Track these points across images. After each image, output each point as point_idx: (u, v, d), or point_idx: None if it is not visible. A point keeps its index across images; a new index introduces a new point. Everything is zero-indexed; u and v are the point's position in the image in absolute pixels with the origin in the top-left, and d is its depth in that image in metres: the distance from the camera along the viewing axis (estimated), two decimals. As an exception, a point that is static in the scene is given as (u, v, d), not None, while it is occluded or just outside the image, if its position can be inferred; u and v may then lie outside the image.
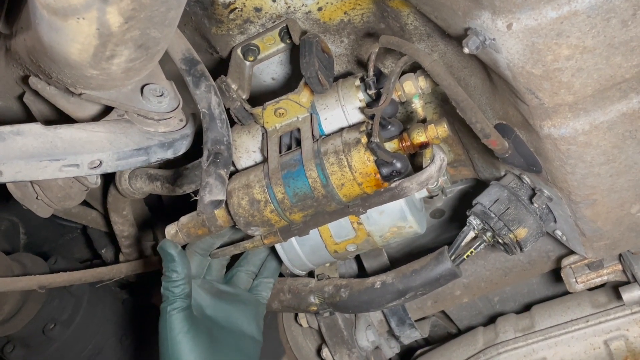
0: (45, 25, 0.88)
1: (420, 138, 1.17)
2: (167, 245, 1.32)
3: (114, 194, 1.71)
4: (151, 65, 1.02)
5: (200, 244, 1.43)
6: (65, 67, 0.96)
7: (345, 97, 1.25)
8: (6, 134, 1.02)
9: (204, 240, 1.42)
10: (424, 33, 1.25)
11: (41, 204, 1.37)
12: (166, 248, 1.32)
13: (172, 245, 1.32)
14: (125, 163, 1.10)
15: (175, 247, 1.32)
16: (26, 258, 1.93)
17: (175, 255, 1.31)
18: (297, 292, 1.49)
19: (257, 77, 1.45)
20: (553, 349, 1.55)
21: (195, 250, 1.43)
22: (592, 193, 1.14)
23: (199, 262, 1.44)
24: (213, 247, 1.45)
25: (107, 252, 2.14)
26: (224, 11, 1.30)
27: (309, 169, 1.16)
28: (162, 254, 1.32)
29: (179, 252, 1.32)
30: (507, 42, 0.93)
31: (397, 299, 1.37)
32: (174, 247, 1.32)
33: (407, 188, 1.15)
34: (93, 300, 1.95)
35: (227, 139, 1.08)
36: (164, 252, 1.32)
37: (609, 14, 0.88)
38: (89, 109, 1.19)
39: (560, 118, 1.02)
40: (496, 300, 1.89)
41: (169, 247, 1.32)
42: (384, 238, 1.32)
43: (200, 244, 1.43)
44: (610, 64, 0.94)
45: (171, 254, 1.31)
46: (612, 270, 1.47)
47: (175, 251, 1.31)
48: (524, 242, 1.27)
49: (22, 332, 1.83)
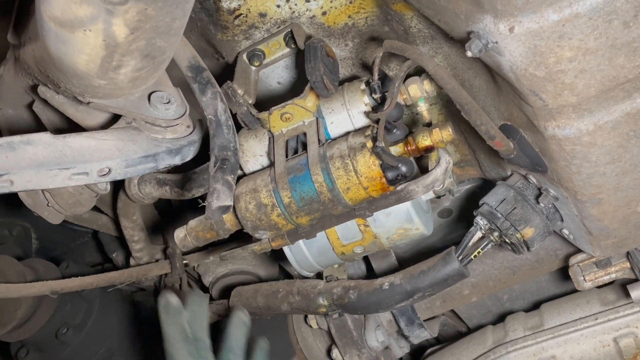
0: (52, 37, 0.89)
1: (425, 142, 1.18)
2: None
3: (124, 199, 1.73)
4: (157, 74, 1.03)
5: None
6: (73, 77, 0.98)
7: (350, 101, 1.26)
8: (16, 143, 1.03)
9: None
10: (427, 35, 1.25)
11: (52, 210, 1.39)
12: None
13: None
14: (133, 170, 1.11)
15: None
16: (38, 263, 1.95)
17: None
18: (306, 294, 1.50)
19: (263, 82, 1.46)
20: (562, 347, 1.55)
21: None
22: (598, 192, 1.14)
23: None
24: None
25: (118, 256, 2.15)
26: (229, 17, 1.31)
27: (315, 173, 1.17)
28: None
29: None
30: (509, 45, 0.93)
31: (406, 300, 1.37)
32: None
33: (413, 191, 1.16)
34: (105, 304, 1.96)
35: (233, 145, 1.09)
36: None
37: (610, 16, 0.89)
38: (98, 117, 1.20)
39: (565, 119, 1.03)
40: (505, 299, 1.89)
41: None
42: (391, 240, 1.33)
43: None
44: (613, 64, 0.94)
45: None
46: (620, 268, 1.47)
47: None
48: (531, 241, 1.28)
49: (35, 337, 1.84)
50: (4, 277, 1.74)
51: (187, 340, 1.29)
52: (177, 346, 1.28)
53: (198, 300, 1.39)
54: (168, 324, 1.31)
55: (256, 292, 1.59)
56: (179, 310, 1.34)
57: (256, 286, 1.62)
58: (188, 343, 1.29)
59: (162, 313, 1.33)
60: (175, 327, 1.30)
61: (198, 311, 1.36)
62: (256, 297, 1.58)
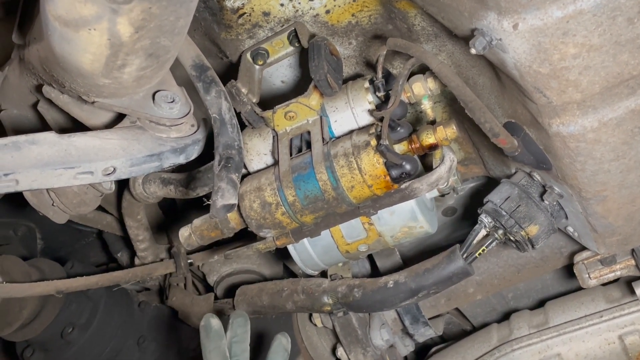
0: (57, 37, 0.89)
1: (429, 140, 1.18)
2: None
3: (128, 198, 1.73)
4: (162, 72, 1.03)
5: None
6: (77, 77, 0.98)
7: (354, 100, 1.26)
8: (21, 143, 1.03)
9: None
10: (431, 33, 1.25)
11: (57, 210, 1.39)
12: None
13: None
14: (138, 169, 1.12)
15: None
16: (43, 263, 1.96)
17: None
18: (310, 293, 1.50)
19: (267, 80, 1.46)
20: (567, 344, 1.55)
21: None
22: (603, 189, 1.14)
23: None
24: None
25: (123, 255, 2.16)
26: (232, 16, 1.31)
27: (319, 171, 1.17)
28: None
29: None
30: (513, 42, 0.93)
31: (410, 298, 1.37)
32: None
33: (417, 189, 1.16)
34: (110, 303, 1.97)
35: (237, 144, 1.09)
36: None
37: (614, 12, 0.89)
38: (102, 116, 1.21)
39: (569, 116, 1.02)
40: (510, 297, 1.89)
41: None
42: (395, 238, 1.33)
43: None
44: (617, 61, 0.94)
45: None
46: (625, 265, 1.47)
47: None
48: (535, 239, 1.28)
49: (41, 336, 1.85)
50: (9, 277, 1.75)
51: (222, 356, 1.29)
52: (212, 357, 1.28)
53: (241, 322, 1.36)
54: (209, 349, 1.30)
55: (261, 291, 1.60)
56: (220, 334, 1.32)
57: (261, 285, 1.62)
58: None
59: (203, 337, 1.32)
60: (216, 353, 1.29)
61: (240, 333, 1.34)
62: (261, 296, 1.58)
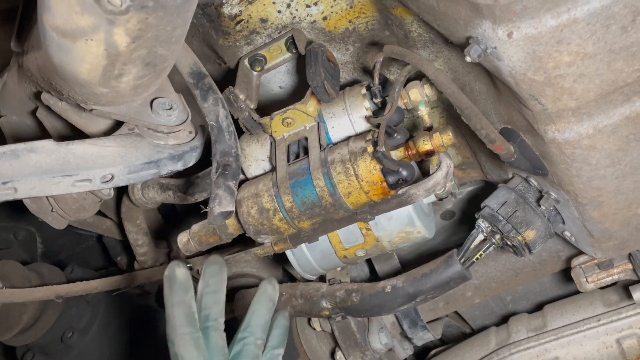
0: (54, 46, 0.90)
1: (425, 146, 1.19)
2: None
3: (127, 204, 1.74)
4: (159, 81, 1.04)
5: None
6: (75, 86, 0.99)
7: (351, 106, 1.27)
8: (20, 151, 1.04)
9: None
10: (427, 40, 1.26)
11: (56, 216, 1.40)
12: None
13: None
14: (136, 176, 1.12)
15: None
16: (43, 268, 1.96)
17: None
18: (309, 297, 1.50)
19: (265, 86, 1.46)
20: (565, 348, 1.55)
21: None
22: (599, 195, 1.15)
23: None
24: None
25: (123, 259, 2.17)
26: (230, 23, 1.32)
27: (316, 178, 1.18)
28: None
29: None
30: (508, 50, 0.94)
31: (408, 303, 1.38)
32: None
33: (414, 195, 1.17)
34: (110, 307, 1.97)
35: (235, 151, 1.10)
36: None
37: (608, 21, 0.89)
38: (100, 124, 1.22)
39: (564, 122, 1.03)
40: (509, 300, 1.89)
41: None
42: (393, 243, 1.34)
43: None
44: (611, 69, 0.95)
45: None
46: (623, 270, 1.47)
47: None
48: (532, 244, 1.28)
49: (41, 341, 1.86)
50: (9, 282, 1.75)
51: (193, 324, 1.08)
52: (180, 332, 1.06)
53: (214, 270, 1.15)
54: (172, 303, 1.09)
55: (259, 295, 1.60)
56: (186, 286, 1.10)
57: (259, 289, 1.63)
58: (194, 328, 1.08)
59: (166, 289, 1.10)
60: (180, 308, 1.08)
61: (213, 282, 1.14)
62: (259, 301, 1.58)
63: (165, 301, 1.10)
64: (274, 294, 1.22)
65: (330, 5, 1.28)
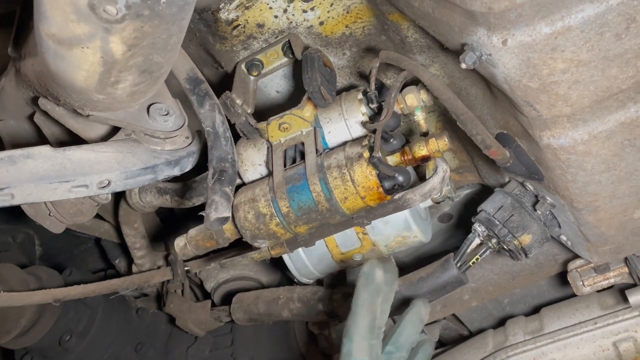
0: (51, 54, 0.90)
1: (421, 152, 1.19)
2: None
3: (125, 207, 1.74)
4: (155, 87, 1.04)
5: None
6: (72, 92, 0.99)
7: (348, 111, 1.27)
8: (17, 157, 1.04)
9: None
10: (424, 45, 1.26)
11: (54, 220, 1.40)
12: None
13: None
14: (133, 182, 1.13)
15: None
16: (41, 271, 1.96)
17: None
18: (306, 301, 1.51)
19: (262, 90, 1.47)
20: (562, 351, 1.55)
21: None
22: (594, 200, 1.15)
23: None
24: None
25: (121, 262, 2.17)
26: (227, 28, 1.32)
27: (312, 183, 1.18)
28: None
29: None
30: (503, 57, 0.94)
31: (405, 306, 1.38)
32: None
33: (411, 200, 1.17)
34: (108, 310, 1.97)
35: (231, 157, 1.10)
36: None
37: (602, 28, 0.89)
38: (98, 129, 1.22)
39: (559, 128, 1.03)
40: (506, 302, 1.89)
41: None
42: (389, 247, 1.34)
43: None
44: (606, 75, 0.95)
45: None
46: (619, 273, 1.48)
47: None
48: (528, 248, 1.29)
49: (39, 344, 1.86)
50: (7, 286, 1.76)
51: (373, 331, 1.12)
52: (362, 335, 1.10)
53: (389, 278, 1.20)
54: (363, 303, 1.13)
55: (257, 298, 1.60)
56: (380, 290, 1.16)
57: (257, 293, 1.63)
58: (373, 334, 1.12)
59: (360, 284, 1.15)
60: (369, 311, 1.13)
61: (389, 293, 1.19)
62: (257, 304, 1.59)
63: (355, 296, 1.14)
64: (425, 316, 1.25)
65: (326, 11, 1.28)
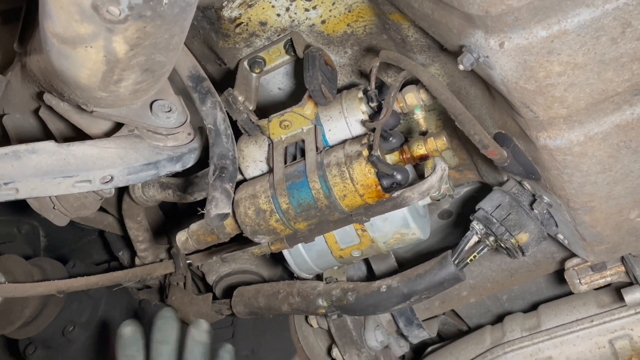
0: (55, 52, 0.92)
1: (420, 151, 1.20)
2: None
3: (128, 201, 1.76)
4: (158, 85, 1.06)
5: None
6: (75, 89, 1.01)
7: (348, 109, 1.28)
8: (21, 152, 1.06)
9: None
10: (424, 45, 1.27)
11: (58, 213, 1.42)
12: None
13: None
14: (135, 177, 1.14)
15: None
16: (45, 263, 1.98)
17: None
18: (305, 295, 1.52)
19: (264, 87, 1.48)
20: (559, 348, 1.57)
21: None
22: (590, 200, 1.16)
23: None
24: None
25: (124, 254, 2.19)
26: (230, 26, 1.33)
27: (312, 180, 1.20)
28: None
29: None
30: (500, 59, 0.95)
31: (403, 302, 1.40)
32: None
33: (409, 198, 1.18)
34: (111, 302, 1.99)
35: (232, 154, 1.12)
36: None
37: (598, 32, 0.91)
38: (101, 124, 1.24)
39: (556, 130, 1.05)
40: (505, 299, 1.91)
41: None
42: (388, 244, 1.35)
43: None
44: (601, 78, 0.96)
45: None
46: (616, 272, 1.49)
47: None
48: (525, 246, 1.30)
49: (42, 334, 1.88)
50: (12, 277, 1.77)
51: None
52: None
53: (163, 323, 1.37)
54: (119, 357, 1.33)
55: (257, 292, 1.62)
56: (131, 341, 1.35)
57: (257, 287, 1.65)
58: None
59: (116, 346, 1.35)
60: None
61: (162, 335, 1.36)
62: (257, 298, 1.61)
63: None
64: (204, 337, 1.38)
65: (328, 9, 1.30)
